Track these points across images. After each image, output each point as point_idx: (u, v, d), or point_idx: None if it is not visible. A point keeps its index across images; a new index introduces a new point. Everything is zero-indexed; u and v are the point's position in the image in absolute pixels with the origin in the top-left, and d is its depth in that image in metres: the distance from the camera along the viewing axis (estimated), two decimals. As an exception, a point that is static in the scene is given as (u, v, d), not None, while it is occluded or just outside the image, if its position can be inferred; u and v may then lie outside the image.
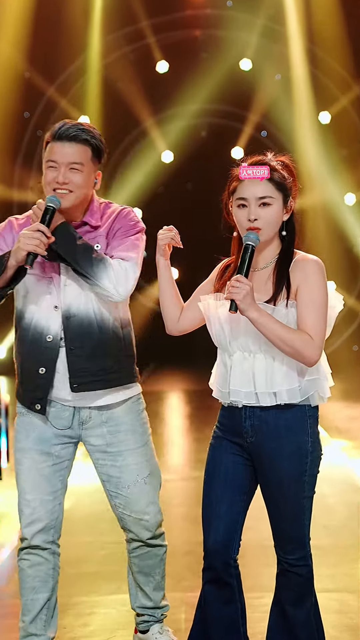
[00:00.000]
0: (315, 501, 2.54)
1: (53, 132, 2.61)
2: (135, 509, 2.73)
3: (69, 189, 2.58)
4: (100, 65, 11.36)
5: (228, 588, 2.51)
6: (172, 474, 6.12)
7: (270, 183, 2.44)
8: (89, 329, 2.63)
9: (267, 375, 2.43)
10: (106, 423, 2.70)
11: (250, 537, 2.61)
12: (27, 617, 2.73)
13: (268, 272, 2.49)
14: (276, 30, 11.12)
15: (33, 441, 2.68)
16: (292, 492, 2.46)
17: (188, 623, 2.96)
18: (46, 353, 2.63)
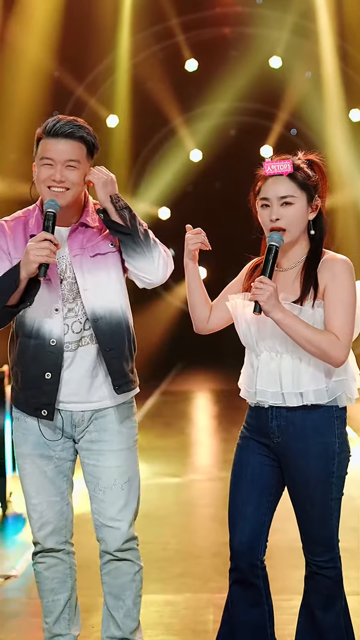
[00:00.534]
0: (344, 503, 2.52)
1: (47, 128, 2.54)
2: (107, 515, 2.64)
3: (66, 187, 2.55)
4: (129, 64, 11.38)
5: (255, 589, 2.51)
6: (199, 474, 6.11)
7: (292, 182, 2.43)
8: (118, 329, 2.62)
9: (294, 376, 2.42)
10: (95, 420, 2.66)
11: (278, 538, 2.60)
12: (50, 619, 2.71)
13: (295, 272, 2.47)
14: (306, 27, 11.06)
15: (32, 446, 2.65)
16: (319, 493, 2.44)
17: (216, 624, 2.95)
18: (51, 358, 2.58)
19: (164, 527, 4.68)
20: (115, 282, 2.62)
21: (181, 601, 3.61)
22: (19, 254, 2.58)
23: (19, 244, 2.60)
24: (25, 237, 2.61)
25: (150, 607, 3.47)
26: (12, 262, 2.58)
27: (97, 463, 2.66)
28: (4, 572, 4.01)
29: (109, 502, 2.65)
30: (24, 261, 2.50)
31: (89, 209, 2.65)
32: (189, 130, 12.33)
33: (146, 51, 11.54)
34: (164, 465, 6.25)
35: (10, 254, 2.60)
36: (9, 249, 2.60)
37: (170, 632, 3.27)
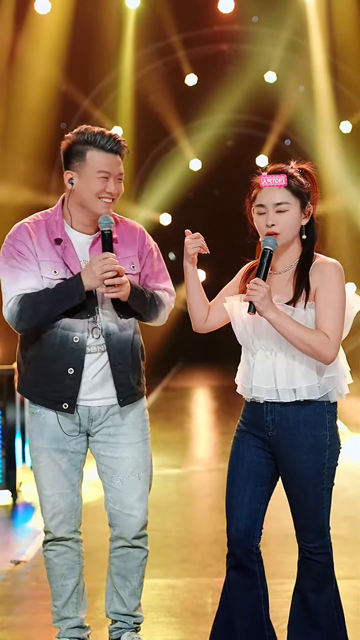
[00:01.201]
0: (336, 493, 2.52)
1: (98, 143, 2.55)
2: (125, 503, 2.66)
3: (114, 198, 2.58)
4: (133, 79, 11.38)
5: (250, 574, 2.51)
6: (199, 466, 6.11)
7: (287, 190, 2.44)
8: (126, 344, 2.63)
9: (288, 373, 2.43)
10: (112, 415, 2.66)
11: (272, 526, 2.60)
12: (58, 602, 2.72)
13: (289, 275, 2.48)
14: (299, 44, 11.06)
15: (48, 440, 2.64)
16: (311, 484, 2.45)
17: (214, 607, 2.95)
18: (74, 354, 2.57)
19: (166, 515, 4.67)
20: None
21: (182, 585, 3.61)
22: (47, 257, 2.57)
23: (44, 246, 2.58)
24: (49, 240, 2.59)
25: (152, 590, 3.47)
26: (40, 264, 2.56)
27: (115, 455, 2.67)
28: (14, 557, 4.01)
29: (127, 491, 2.66)
30: (89, 276, 2.50)
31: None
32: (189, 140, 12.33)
33: (148, 66, 11.54)
34: (165, 457, 6.25)
35: (37, 256, 2.57)
36: (35, 251, 2.58)
37: (171, 615, 3.27)
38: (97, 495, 4.64)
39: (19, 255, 2.56)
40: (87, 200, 2.57)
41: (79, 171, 2.57)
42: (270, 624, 2.55)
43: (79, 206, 2.59)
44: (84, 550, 2.79)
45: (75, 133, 2.60)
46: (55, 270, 2.56)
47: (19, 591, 3.59)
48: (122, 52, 11.02)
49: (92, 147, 2.56)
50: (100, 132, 2.58)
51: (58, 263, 2.57)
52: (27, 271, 2.55)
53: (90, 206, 2.57)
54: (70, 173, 2.58)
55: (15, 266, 2.56)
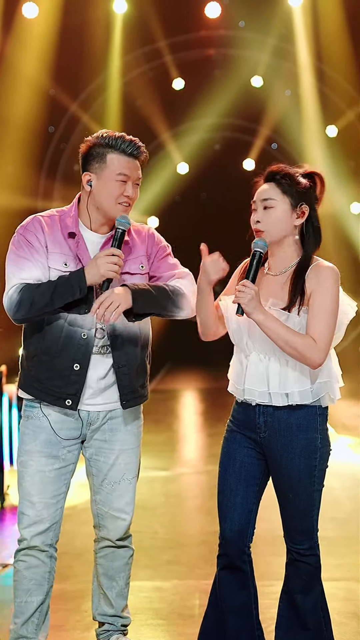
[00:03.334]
0: (324, 494, 2.51)
1: (119, 146, 2.54)
2: (115, 507, 2.63)
3: (130, 203, 2.57)
4: (120, 83, 11.38)
5: (241, 574, 2.50)
6: (186, 467, 6.10)
7: (276, 187, 2.42)
8: (133, 346, 2.60)
9: (281, 377, 2.41)
10: (109, 420, 2.63)
11: (261, 527, 2.59)
12: (19, 620, 2.62)
13: (285, 278, 2.45)
14: (286, 49, 11.10)
15: (41, 444, 2.57)
16: (302, 486, 2.44)
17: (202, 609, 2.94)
18: (81, 350, 2.53)
19: (153, 517, 4.66)
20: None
21: (169, 587, 3.59)
22: (58, 249, 2.55)
23: (56, 239, 2.56)
24: (63, 234, 2.57)
25: (140, 593, 3.46)
26: (49, 256, 2.54)
27: (107, 460, 2.64)
28: (1, 561, 3.98)
29: (117, 495, 2.64)
30: (91, 271, 2.47)
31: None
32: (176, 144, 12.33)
33: (136, 71, 11.54)
34: (153, 459, 6.23)
35: (48, 248, 2.55)
36: (47, 243, 2.55)
37: (158, 617, 3.25)
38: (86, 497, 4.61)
39: (28, 245, 2.55)
40: (105, 203, 2.56)
41: (98, 173, 2.55)
42: (260, 624, 2.55)
43: (95, 208, 2.58)
44: (71, 552, 2.77)
45: (96, 137, 2.59)
46: (66, 262, 2.54)
47: (6, 595, 3.56)
48: (110, 57, 11.01)
49: (113, 150, 2.55)
50: (121, 136, 2.57)
51: (69, 256, 2.55)
52: (33, 261, 2.53)
53: (108, 209, 2.56)
54: (89, 175, 2.57)
55: (22, 255, 2.54)
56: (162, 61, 11.60)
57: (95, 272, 2.46)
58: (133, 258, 2.61)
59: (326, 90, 11.27)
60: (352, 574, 3.68)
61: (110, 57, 11.01)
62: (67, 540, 4.15)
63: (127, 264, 2.60)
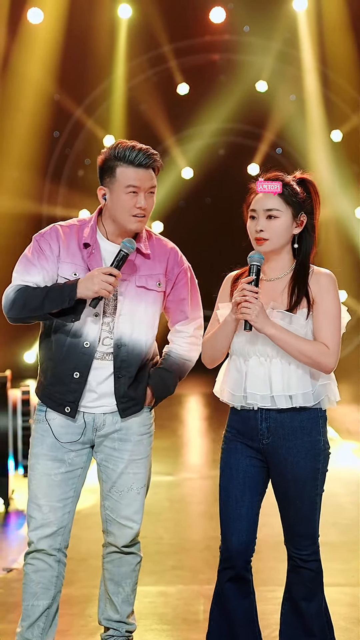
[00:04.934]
0: (327, 500, 2.52)
1: (128, 158, 2.54)
2: (122, 514, 2.64)
3: (145, 214, 2.58)
4: (125, 88, 11.42)
5: (246, 583, 2.51)
6: (191, 473, 6.11)
7: (279, 197, 2.45)
8: (136, 358, 2.61)
9: (284, 379, 2.43)
10: (119, 430, 2.64)
11: (264, 533, 2.60)
12: (25, 623, 2.61)
13: (284, 283, 2.47)
14: (290, 54, 11.12)
15: (47, 447, 2.60)
16: (307, 490, 2.45)
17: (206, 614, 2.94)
18: (83, 359, 2.56)
19: (158, 522, 4.66)
20: (149, 317, 2.61)
21: (174, 592, 3.60)
22: (69, 259, 2.59)
23: (71, 249, 2.60)
24: (78, 244, 2.60)
25: (145, 598, 3.46)
26: (60, 265, 2.58)
27: (116, 469, 2.64)
28: (6, 565, 3.99)
29: (125, 503, 2.65)
30: (86, 285, 2.50)
31: (142, 235, 2.65)
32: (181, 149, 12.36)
33: (140, 76, 11.58)
34: (157, 464, 6.20)
35: (61, 256, 2.59)
36: (60, 252, 2.59)
37: (163, 622, 3.26)
38: (92, 501, 4.62)
39: (39, 251, 2.60)
40: (119, 216, 2.57)
41: (110, 187, 2.58)
42: (260, 630, 2.55)
43: (111, 220, 2.61)
44: (77, 557, 2.77)
45: (109, 148, 2.60)
46: (75, 272, 2.58)
47: (12, 599, 3.58)
48: (115, 62, 11.05)
49: (121, 162, 2.55)
50: (131, 146, 2.55)
51: (80, 267, 2.59)
52: (39, 267, 2.58)
53: (122, 222, 2.58)
54: (103, 189, 2.60)
55: (31, 260, 2.60)
56: (166, 66, 11.64)
57: (90, 286, 2.50)
58: (151, 274, 2.63)
59: (331, 95, 11.29)
60: (356, 580, 3.68)
61: (115, 62, 11.05)
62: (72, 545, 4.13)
63: (145, 278, 2.62)
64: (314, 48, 10.82)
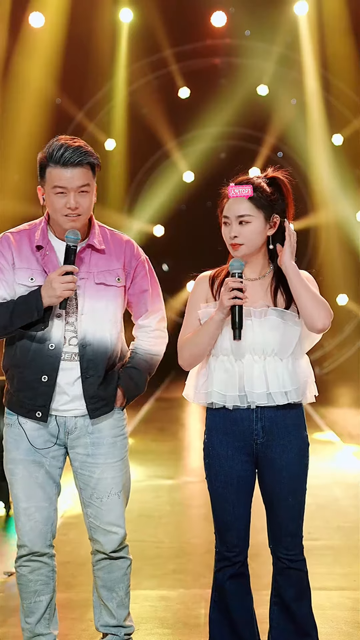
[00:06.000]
0: (329, 503, 2.52)
1: (55, 157, 2.48)
2: (105, 520, 2.61)
3: (79, 213, 2.52)
4: (126, 92, 11.43)
5: (246, 579, 2.53)
6: (192, 476, 6.09)
7: (250, 202, 2.46)
8: (103, 357, 2.57)
9: (279, 376, 2.44)
10: (91, 434, 2.59)
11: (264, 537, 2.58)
12: (31, 619, 2.64)
13: (266, 283, 2.49)
14: (291, 58, 11.13)
15: (24, 452, 2.57)
16: (300, 486, 2.47)
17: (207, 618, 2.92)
18: (49, 362, 2.52)
19: (158, 526, 4.65)
20: (112, 313, 2.58)
21: (174, 596, 3.59)
22: (24, 264, 2.55)
23: (24, 254, 2.57)
24: (31, 248, 2.57)
25: (145, 602, 3.45)
26: (16, 272, 2.55)
27: (93, 475, 2.62)
28: (7, 569, 3.98)
29: (106, 509, 2.62)
30: (48, 292, 2.47)
31: (95, 230, 2.61)
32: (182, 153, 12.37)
33: (142, 80, 11.59)
34: (158, 467, 6.23)
35: (15, 264, 2.56)
36: (14, 260, 2.56)
37: (164, 626, 3.24)
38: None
39: None
40: (54, 216, 2.55)
41: (44, 188, 2.55)
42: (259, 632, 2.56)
43: (53, 220, 2.59)
44: (76, 561, 2.76)
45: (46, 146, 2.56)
46: (32, 277, 2.54)
47: (12, 602, 3.56)
48: (116, 66, 11.07)
49: (50, 162, 2.51)
50: (60, 145, 2.49)
51: (36, 270, 2.55)
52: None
53: (58, 222, 2.55)
54: (41, 189, 2.57)
55: None
56: (167, 70, 11.65)
57: (52, 294, 2.47)
58: (109, 269, 2.59)
59: (332, 99, 11.30)
60: (358, 583, 3.67)
61: (116, 66, 11.07)
62: (72, 549, 4.14)
63: (103, 275, 2.58)
64: (315, 52, 10.83)
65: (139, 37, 10.79)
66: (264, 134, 12.08)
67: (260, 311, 2.44)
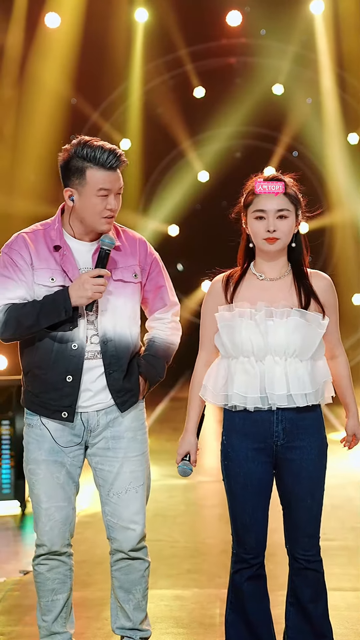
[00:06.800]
0: (344, 504, 2.51)
1: (99, 160, 2.51)
2: (123, 517, 2.62)
3: (114, 215, 2.57)
4: (142, 92, 11.44)
5: (264, 581, 2.53)
6: (207, 476, 6.09)
7: (286, 197, 2.47)
8: (125, 352, 2.59)
9: (299, 377, 2.43)
10: (111, 427, 2.62)
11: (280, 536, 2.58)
12: (48, 617, 2.66)
13: (287, 282, 2.50)
14: (307, 56, 11.10)
15: (46, 452, 2.59)
16: (319, 487, 2.48)
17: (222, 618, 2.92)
18: (73, 362, 2.54)
19: (173, 525, 4.65)
20: (130, 309, 2.61)
21: (189, 596, 3.59)
22: (43, 264, 2.56)
23: (42, 255, 2.57)
24: (48, 248, 2.58)
25: (160, 601, 3.45)
26: (35, 272, 2.55)
27: (112, 469, 2.63)
28: (23, 567, 4.00)
29: (124, 505, 2.63)
30: (79, 293, 2.49)
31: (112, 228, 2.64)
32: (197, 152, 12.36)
33: (157, 79, 11.60)
34: (172, 467, 6.20)
35: (34, 265, 2.56)
36: (32, 260, 2.57)
37: (179, 625, 3.25)
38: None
39: (12, 264, 2.56)
40: (88, 218, 2.56)
41: (79, 189, 2.55)
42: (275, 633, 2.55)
43: (79, 221, 2.59)
44: (91, 560, 2.78)
45: (74, 145, 2.56)
46: (52, 277, 2.55)
47: (28, 601, 3.58)
48: (131, 65, 11.08)
49: (91, 164, 2.53)
50: (99, 147, 2.53)
51: (56, 270, 2.56)
52: (17, 281, 2.55)
53: (92, 224, 2.56)
54: (69, 190, 2.57)
55: (6, 275, 2.56)
56: (183, 70, 11.65)
57: (82, 294, 2.49)
58: (126, 266, 2.62)
59: (347, 98, 11.25)
60: (373, 585, 3.65)
61: (131, 65, 11.08)
62: (88, 548, 4.16)
63: (120, 271, 2.61)
64: (330, 51, 10.78)
65: (154, 37, 10.80)
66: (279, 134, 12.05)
67: (282, 312, 2.43)
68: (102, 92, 11.16)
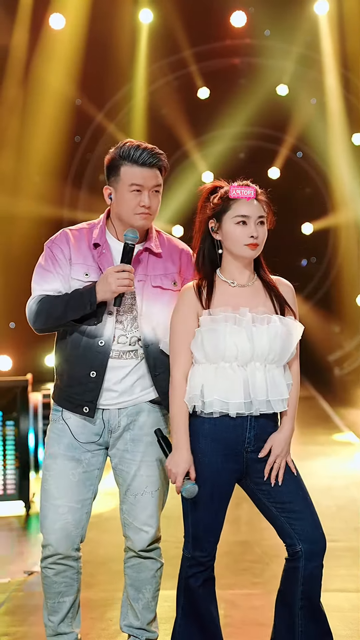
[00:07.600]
0: (347, 505, 2.51)
1: (132, 157, 2.56)
2: (137, 518, 2.64)
3: (150, 212, 2.59)
4: (146, 92, 11.45)
5: (214, 582, 2.55)
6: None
7: (262, 203, 2.51)
8: (164, 354, 2.62)
9: (277, 384, 2.45)
10: (131, 430, 2.63)
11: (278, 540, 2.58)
12: (55, 618, 2.65)
13: (258, 288, 2.52)
14: (311, 57, 11.09)
15: (64, 447, 2.60)
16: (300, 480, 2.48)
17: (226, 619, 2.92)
18: (98, 357, 2.57)
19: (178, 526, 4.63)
20: (167, 315, 2.61)
21: (194, 597, 3.58)
22: (80, 260, 2.61)
23: (82, 251, 2.62)
24: (88, 245, 2.63)
25: (165, 602, 3.45)
26: (72, 267, 2.60)
27: (130, 470, 2.64)
28: (27, 568, 4.01)
29: (140, 507, 2.64)
30: (103, 287, 2.52)
31: (152, 234, 2.67)
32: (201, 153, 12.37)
33: (161, 80, 11.61)
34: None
35: (72, 259, 2.62)
36: (71, 255, 2.61)
37: (183, 626, 3.24)
38: (112, 505, 4.62)
39: (52, 258, 2.63)
40: (124, 215, 2.59)
41: (115, 186, 2.60)
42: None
43: (118, 220, 2.63)
44: (97, 560, 2.78)
45: (116, 148, 2.63)
46: (87, 272, 2.60)
47: (33, 601, 3.59)
48: (135, 66, 11.09)
49: (125, 161, 2.57)
50: (136, 145, 2.57)
51: (92, 267, 2.60)
52: (55, 274, 2.61)
53: (127, 220, 2.60)
54: (108, 189, 2.62)
55: (46, 267, 2.63)
56: (187, 70, 11.66)
57: (107, 289, 2.52)
58: (166, 273, 2.65)
59: (352, 98, 11.24)
60: (377, 586, 3.65)
61: (135, 66, 11.09)
62: (92, 548, 4.16)
63: (160, 278, 2.64)
64: (335, 51, 10.78)
65: (159, 38, 10.81)
66: (283, 134, 12.05)
67: (263, 318, 2.44)
68: (106, 93, 11.18)
